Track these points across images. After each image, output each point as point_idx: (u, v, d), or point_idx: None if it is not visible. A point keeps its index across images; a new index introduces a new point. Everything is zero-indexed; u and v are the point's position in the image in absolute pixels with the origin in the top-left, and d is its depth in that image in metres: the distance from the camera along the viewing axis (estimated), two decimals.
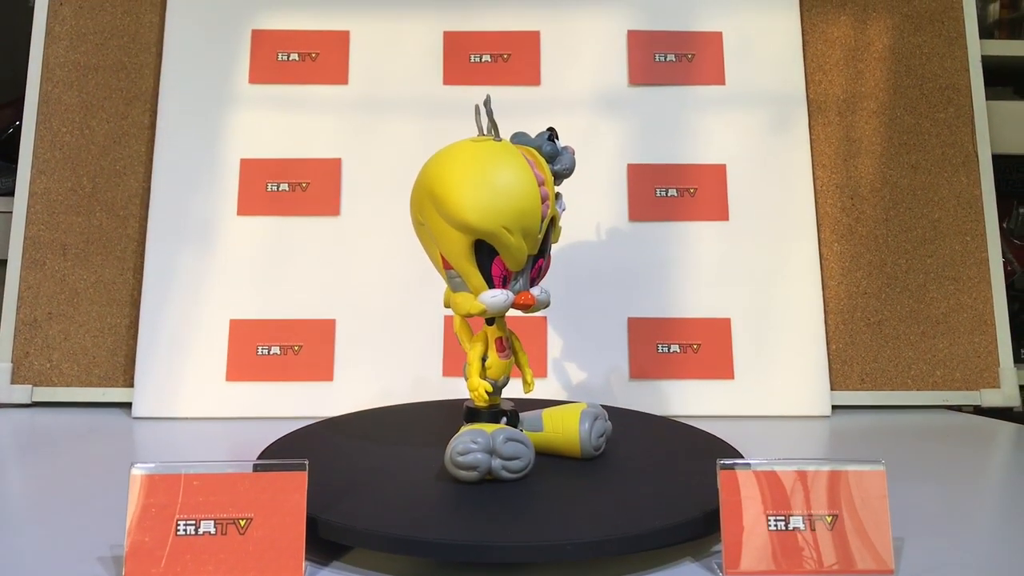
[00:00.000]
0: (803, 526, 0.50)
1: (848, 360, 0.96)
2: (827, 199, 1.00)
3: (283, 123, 0.98)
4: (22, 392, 0.93)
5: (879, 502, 0.51)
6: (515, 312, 0.59)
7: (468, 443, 0.57)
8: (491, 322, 0.61)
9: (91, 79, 0.99)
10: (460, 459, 0.57)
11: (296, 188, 0.96)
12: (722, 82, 1.01)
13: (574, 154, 0.61)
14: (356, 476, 0.60)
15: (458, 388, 0.90)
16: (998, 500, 0.68)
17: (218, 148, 0.97)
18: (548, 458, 0.63)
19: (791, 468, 0.51)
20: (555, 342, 0.94)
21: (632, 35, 1.01)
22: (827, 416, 0.93)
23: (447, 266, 0.59)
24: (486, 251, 0.57)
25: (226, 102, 0.98)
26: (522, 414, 0.64)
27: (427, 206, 0.58)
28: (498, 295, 0.57)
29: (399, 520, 0.51)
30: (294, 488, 0.49)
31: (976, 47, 1.04)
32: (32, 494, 0.66)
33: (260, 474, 0.50)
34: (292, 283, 0.94)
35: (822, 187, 1.00)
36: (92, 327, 0.95)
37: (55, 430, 0.85)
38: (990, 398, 0.96)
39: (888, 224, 1.00)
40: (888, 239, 0.99)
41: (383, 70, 1.00)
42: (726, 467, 0.51)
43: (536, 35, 1.01)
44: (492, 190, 0.55)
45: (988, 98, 1.03)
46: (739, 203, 0.98)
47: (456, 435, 0.58)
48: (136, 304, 0.94)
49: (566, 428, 0.63)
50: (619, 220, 0.97)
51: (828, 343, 0.96)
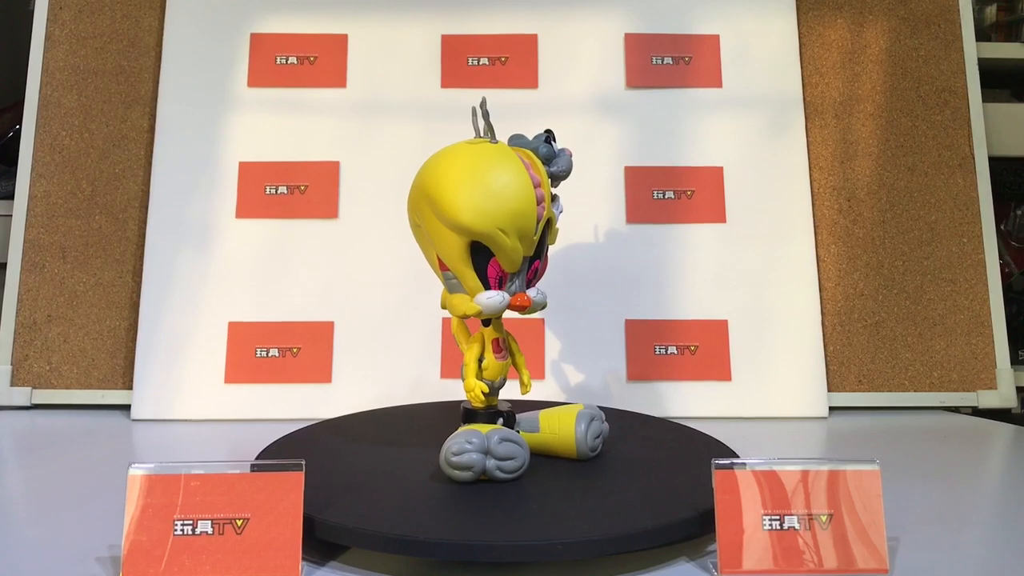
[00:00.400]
0: (798, 526, 0.50)
1: (845, 361, 0.96)
2: (824, 201, 1.00)
3: (282, 126, 0.98)
4: (21, 394, 0.93)
5: (874, 502, 0.51)
6: (512, 313, 0.59)
7: (463, 443, 0.57)
8: (488, 323, 0.61)
9: (90, 83, 1.00)
10: (455, 459, 0.57)
11: (295, 191, 0.97)
12: (719, 85, 1.01)
13: (571, 156, 0.62)
14: (353, 477, 0.60)
15: (456, 390, 0.90)
16: (994, 501, 0.68)
17: (217, 151, 0.97)
18: (544, 459, 0.64)
19: (786, 468, 0.52)
20: (553, 344, 0.94)
21: (629, 38, 1.02)
22: (824, 417, 0.93)
23: (443, 268, 0.59)
24: (482, 253, 0.57)
25: (225, 105, 0.98)
26: (519, 415, 0.64)
27: (423, 208, 0.58)
28: (494, 296, 0.57)
29: (394, 520, 0.52)
30: (291, 488, 0.50)
31: (973, 50, 1.04)
32: (31, 495, 0.66)
33: (257, 474, 0.50)
34: (290, 286, 0.95)
35: (819, 189, 1.00)
36: (91, 330, 0.95)
37: (54, 432, 0.85)
38: (987, 399, 0.96)
39: (885, 226, 1.00)
40: (885, 241, 1.00)
41: (381, 73, 1.00)
42: (721, 467, 0.51)
43: (534, 38, 1.02)
44: (487, 192, 0.56)
45: (985, 100, 1.04)
46: (736, 205, 0.98)
47: (451, 435, 0.59)
48: (135, 307, 0.95)
49: (562, 429, 0.64)
50: (616, 222, 0.97)
51: (825, 345, 0.96)
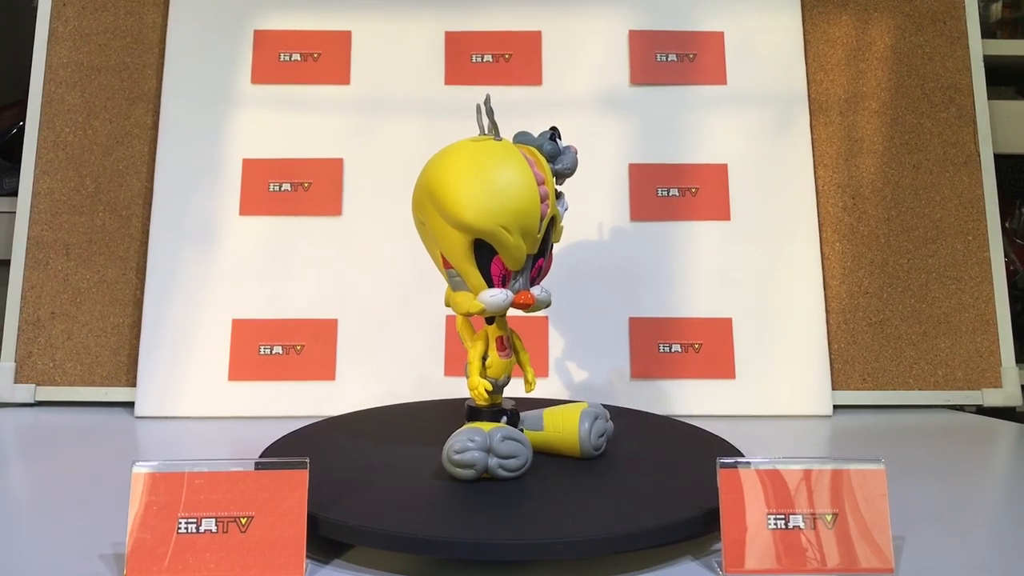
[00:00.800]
0: (803, 525, 0.50)
1: (850, 360, 0.96)
2: (829, 199, 1.00)
3: (285, 123, 0.98)
4: (25, 391, 0.93)
5: (879, 501, 0.51)
6: (516, 311, 0.59)
7: (465, 441, 0.57)
8: (491, 321, 0.61)
9: (94, 79, 1.00)
10: (457, 457, 0.57)
11: (298, 188, 0.97)
12: (724, 82, 1.01)
13: (577, 153, 0.61)
14: (357, 474, 0.60)
15: (460, 388, 0.90)
16: (999, 500, 0.68)
17: (220, 148, 0.97)
18: (548, 457, 0.64)
19: (791, 467, 0.51)
20: (556, 341, 0.94)
21: (633, 35, 1.01)
22: (828, 416, 0.92)
23: (447, 265, 0.59)
24: (485, 250, 0.57)
25: (228, 102, 0.98)
26: (523, 413, 0.64)
27: (427, 205, 0.58)
28: (497, 294, 0.57)
29: (397, 518, 0.51)
30: (295, 486, 0.50)
31: (978, 47, 1.04)
32: (35, 493, 0.66)
33: (261, 472, 0.50)
34: (294, 283, 0.94)
35: (824, 187, 1.00)
36: (95, 327, 0.95)
37: (58, 429, 0.85)
38: (992, 398, 0.96)
39: (890, 224, 1.00)
40: (890, 239, 0.99)
41: (385, 70, 1.00)
42: (726, 465, 0.51)
43: (538, 35, 1.01)
44: (490, 189, 0.55)
45: (990, 98, 1.03)
46: (740, 203, 0.98)
47: (454, 433, 0.58)
48: (139, 304, 0.95)
49: (566, 427, 0.63)
50: (621, 220, 0.97)
51: (829, 343, 0.96)
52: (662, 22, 1.02)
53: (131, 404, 0.91)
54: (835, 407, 0.93)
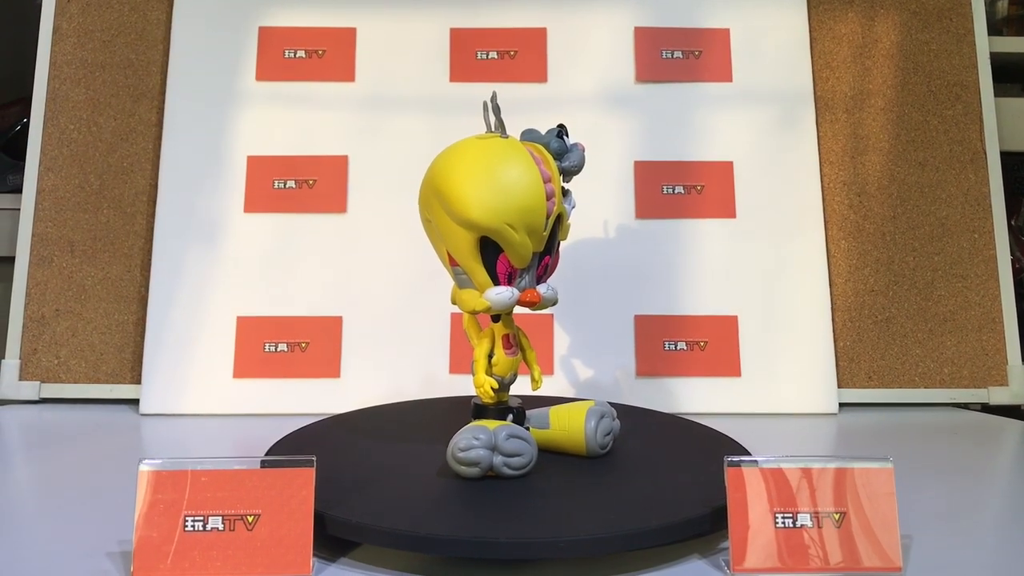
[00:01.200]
0: (810, 523, 0.50)
1: (855, 358, 0.96)
2: (834, 196, 0.99)
3: (290, 120, 0.98)
4: (30, 388, 0.93)
5: (887, 500, 0.51)
6: (522, 309, 0.59)
7: (470, 439, 0.57)
8: (497, 319, 0.61)
9: (98, 76, 1.00)
10: (462, 455, 0.57)
11: (303, 185, 0.96)
12: (729, 79, 1.00)
13: (584, 151, 0.61)
14: (363, 472, 0.60)
15: (465, 385, 0.90)
16: (1006, 498, 0.68)
17: (225, 145, 0.97)
18: (553, 456, 0.63)
19: (798, 465, 0.51)
20: (562, 339, 0.94)
21: (639, 32, 1.01)
22: (834, 414, 0.92)
23: (453, 263, 0.59)
24: (491, 248, 0.57)
25: (233, 99, 0.98)
26: (529, 411, 0.64)
27: (433, 203, 0.58)
28: (503, 292, 0.57)
29: (403, 516, 0.51)
30: (302, 484, 0.49)
31: (984, 44, 1.04)
32: (40, 490, 0.66)
33: (268, 470, 0.50)
34: (299, 280, 0.94)
35: (829, 184, 1.00)
36: (100, 324, 0.95)
37: (63, 427, 0.85)
38: (998, 396, 0.96)
39: (896, 221, 0.99)
40: (896, 236, 0.99)
41: (390, 67, 1.00)
42: (733, 464, 0.51)
43: (543, 32, 1.01)
44: (496, 187, 0.55)
45: (996, 95, 1.03)
46: (746, 200, 0.98)
47: (459, 431, 0.58)
48: (143, 301, 0.95)
49: (572, 426, 0.63)
50: (626, 217, 0.97)
51: (835, 340, 0.95)
52: (668, 19, 1.02)
53: (136, 401, 0.91)
54: (841, 405, 0.93)
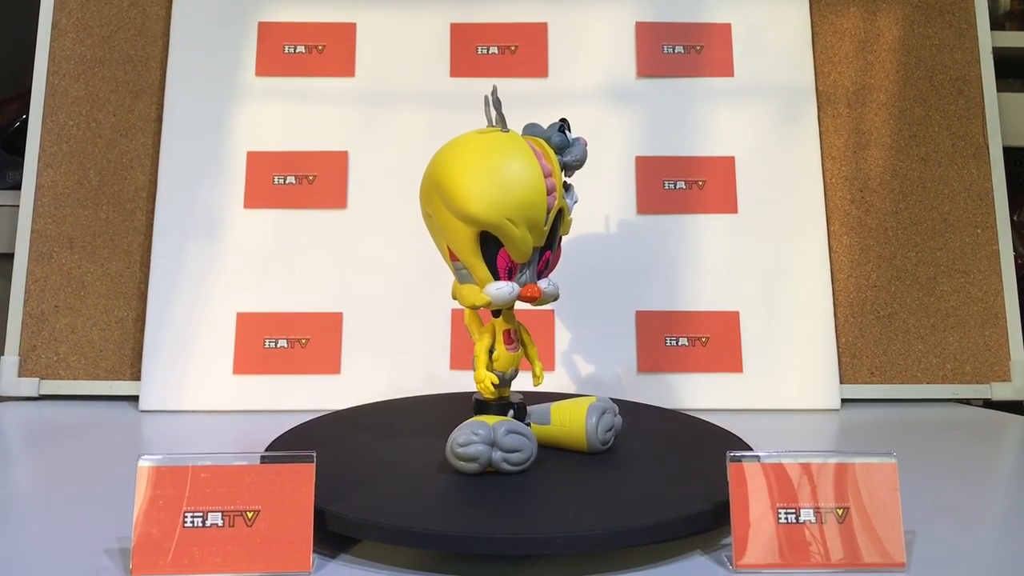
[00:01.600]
0: (813, 519, 0.50)
1: (857, 353, 0.96)
2: (836, 191, 0.99)
3: (290, 116, 0.98)
4: (29, 385, 0.93)
5: (890, 495, 0.50)
6: (524, 305, 0.58)
7: (469, 434, 0.57)
8: (498, 314, 0.61)
9: (98, 72, 0.99)
10: (460, 450, 0.57)
11: (303, 181, 0.96)
12: (731, 74, 1.00)
13: (586, 145, 0.61)
14: (364, 468, 0.60)
15: (467, 381, 0.90)
16: (1009, 494, 0.68)
17: (225, 141, 0.97)
18: (554, 452, 0.63)
19: (802, 461, 0.51)
20: (563, 335, 0.94)
21: (640, 26, 1.01)
22: (836, 410, 0.92)
23: (454, 258, 0.59)
24: (492, 243, 0.56)
25: (233, 95, 0.98)
26: (530, 407, 0.64)
27: (434, 197, 0.58)
28: (503, 287, 0.57)
29: (401, 513, 0.51)
30: (302, 480, 0.49)
31: (987, 38, 1.03)
32: (39, 487, 0.66)
33: (267, 466, 0.49)
34: (299, 276, 0.94)
35: (831, 179, 0.99)
36: (99, 320, 0.94)
37: (62, 423, 0.85)
38: (1000, 391, 0.95)
39: (898, 217, 0.99)
40: (898, 232, 0.99)
41: (390, 62, 1.00)
42: (736, 459, 0.50)
43: (544, 27, 1.01)
44: (496, 181, 0.55)
45: (999, 90, 1.02)
46: (748, 196, 0.97)
47: (458, 426, 0.58)
48: (143, 297, 0.94)
49: (573, 422, 0.63)
50: (627, 213, 0.97)
51: (837, 336, 0.95)
52: (669, 14, 1.01)
53: (135, 398, 0.91)
54: (843, 401, 0.93)
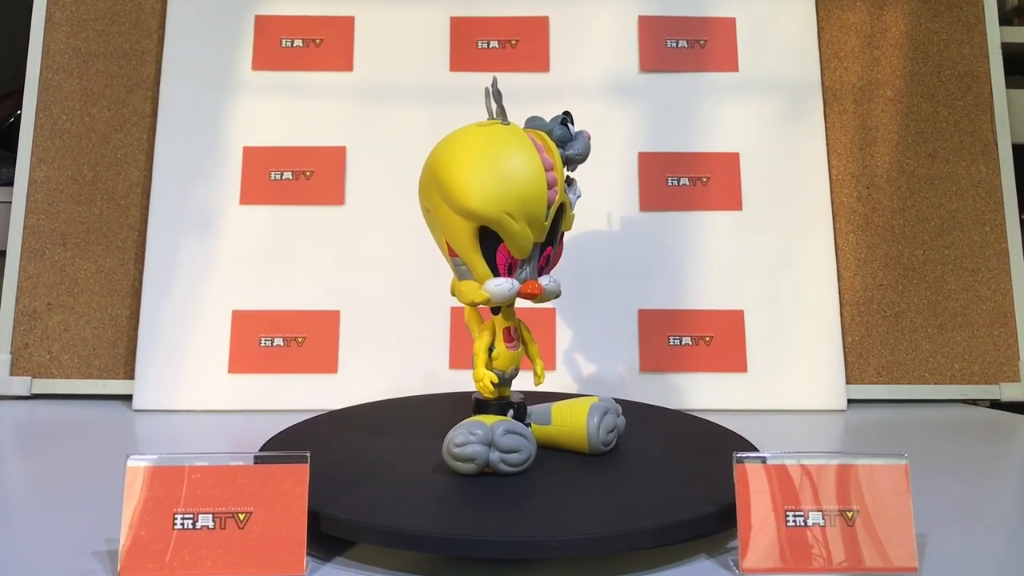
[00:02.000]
0: (822, 522, 0.49)
1: (864, 353, 0.94)
2: (843, 188, 0.98)
3: (287, 110, 0.96)
4: (21, 384, 0.92)
5: (901, 497, 0.49)
6: (524, 302, 0.57)
7: (466, 434, 0.55)
8: (498, 311, 0.59)
9: (92, 66, 0.98)
10: (457, 450, 0.55)
11: (300, 176, 0.95)
12: (735, 69, 0.99)
13: (589, 139, 0.59)
14: (360, 469, 0.58)
15: (466, 381, 0.88)
16: (1019, 496, 0.67)
17: (220, 136, 0.95)
18: (554, 452, 0.62)
19: (810, 462, 0.50)
20: (564, 333, 0.92)
21: (643, 21, 0.99)
22: (842, 410, 0.91)
23: (453, 254, 0.58)
24: (491, 238, 0.55)
25: (229, 89, 0.96)
26: (531, 407, 0.62)
27: (432, 192, 0.57)
28: (502, 284, 0.56)
29: (400, 514, 0.50)
30: (295, 481, 0.48)
31: (996, 34, 1.02)
32: (29, 487, 0.65)
33: (260, 467, 0.48)
34: (296, 273, 0.93)
35: (837, 176, 0.98)
36: (92, 318, 0.93)
37: (54, 422, 0.84)
38: (1009, 392, 0.94)
39: (905, 214, 0.98)
40: (905, 230, 0.97)
41: (389, 57, 0.98)
42: (742, 460, 0.49)
43: (545, 21, 0.99)
44: (495, 175, 0.54)
45: (1008, 86, 1.01)
46: (753, 192, 0.96)
47: (456, 426, 0.57)
48: (137, 295, 0.93)
49: (574, 422, 0.62)
50: (630, 210, 0.95)
51: (844, 336, 0.94)
52: (672, 8, 1.00)
53: (129, 397, 0.90)
54: (849, 401, 0.92)
